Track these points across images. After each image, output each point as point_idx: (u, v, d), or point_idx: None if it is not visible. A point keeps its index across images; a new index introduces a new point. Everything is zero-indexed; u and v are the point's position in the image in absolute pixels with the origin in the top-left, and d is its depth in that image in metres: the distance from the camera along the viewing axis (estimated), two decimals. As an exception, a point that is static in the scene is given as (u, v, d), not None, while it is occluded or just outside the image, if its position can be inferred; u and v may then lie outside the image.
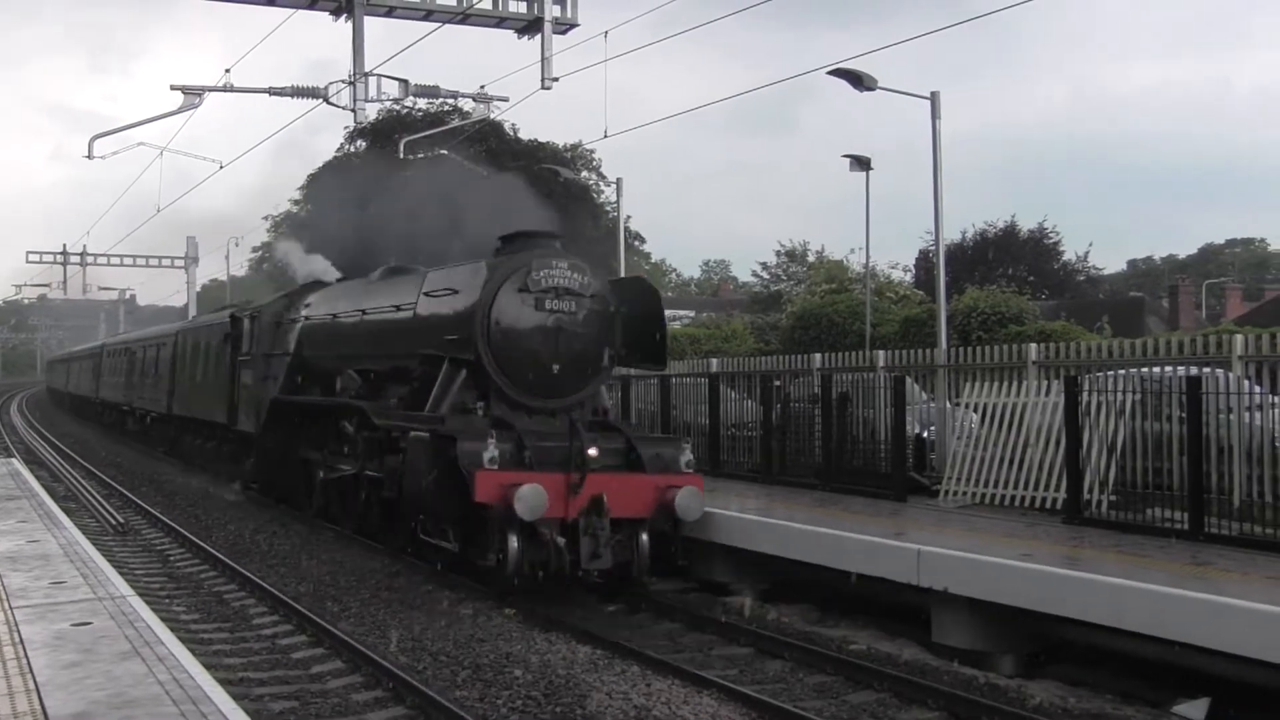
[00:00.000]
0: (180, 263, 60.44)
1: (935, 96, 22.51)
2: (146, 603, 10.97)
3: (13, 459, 28.89)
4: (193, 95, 23.26)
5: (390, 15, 19.83)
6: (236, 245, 60.14)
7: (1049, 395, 15.48)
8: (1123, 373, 14.52)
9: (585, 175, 57.00)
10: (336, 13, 19.46)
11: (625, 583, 14.14)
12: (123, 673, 7.95)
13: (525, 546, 13.02)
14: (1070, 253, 63.80)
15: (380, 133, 48.97)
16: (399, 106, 42.08)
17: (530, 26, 19.97)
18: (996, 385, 16.41)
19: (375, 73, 20.65)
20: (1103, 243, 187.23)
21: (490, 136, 49.27)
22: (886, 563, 12.28)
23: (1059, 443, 14.90)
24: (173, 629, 10.27)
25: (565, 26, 20.05)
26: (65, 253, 61.51)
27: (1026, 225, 61.73)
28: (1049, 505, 15.19)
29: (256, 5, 19.22)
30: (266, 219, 67.67)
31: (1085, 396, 14.41)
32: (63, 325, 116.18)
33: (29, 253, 64.85)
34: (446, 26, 19.75)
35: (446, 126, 40.28)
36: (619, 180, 35.30)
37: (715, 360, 24.03)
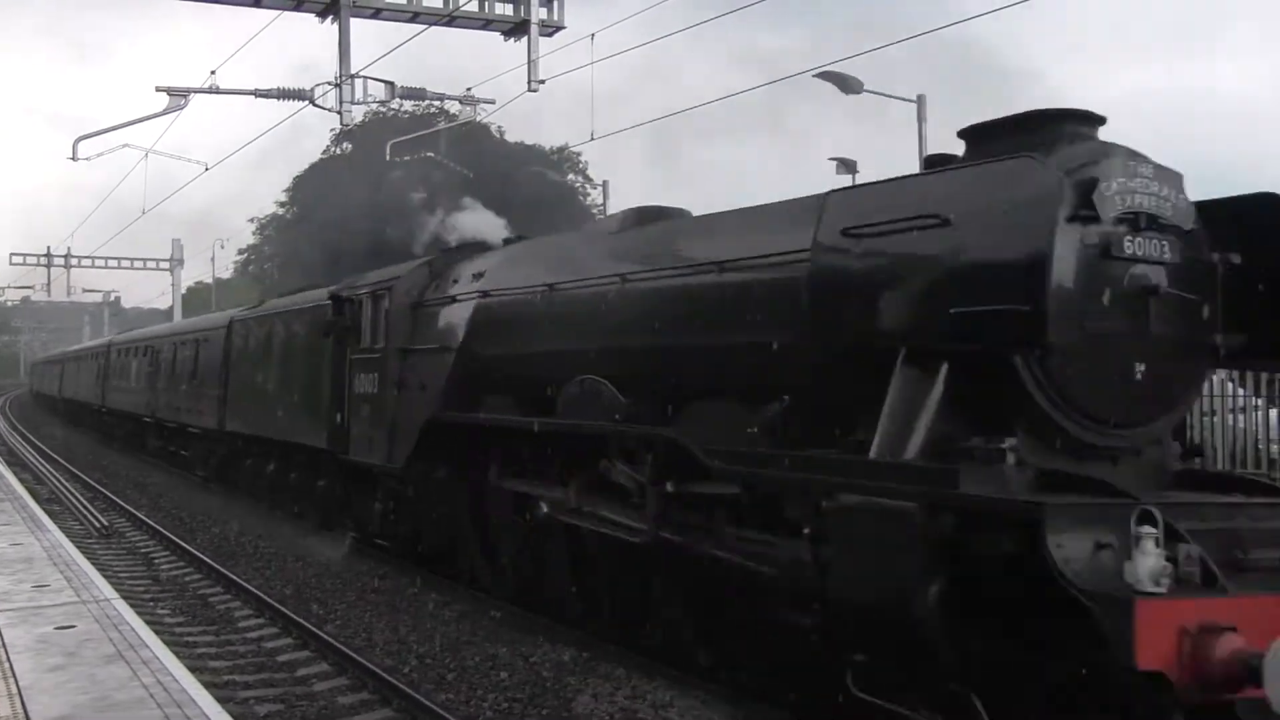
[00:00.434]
0: (165, 265, 60.19)
1: (922, 100, 22.60)
2: (131, 606, 10.97)
3: (-4, 462, 28.77)
4: (178, 96, 23.15)
5: (376, 17, 19.75)
6: (222, 248, 60.00)
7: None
8: None
9: (572, 178, 57.08)
10: (323, 14, 19.37)
11: None
12: (107, 676, 7.93)
13: None
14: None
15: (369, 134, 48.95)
16: (385, 109, 42.00)
17: (517, 29, 19.92)
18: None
19: (361, 74, 20.59)
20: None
21: (477, 138, 49.31)
22: None
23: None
24: (157, 632, 10.25)
25: (552, 29, 20.01)
26: (49, 254, 61.14)
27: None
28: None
29: (242, 6, 19.12)
30: (252, 221, 67.67)
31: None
32: (46, 327, 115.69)
33: (12, 254, 64.43)
34: (433, 28, 19.71)
35: (433, 129, 40.28)
36: (605, 183, 35.40)
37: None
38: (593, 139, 22.60)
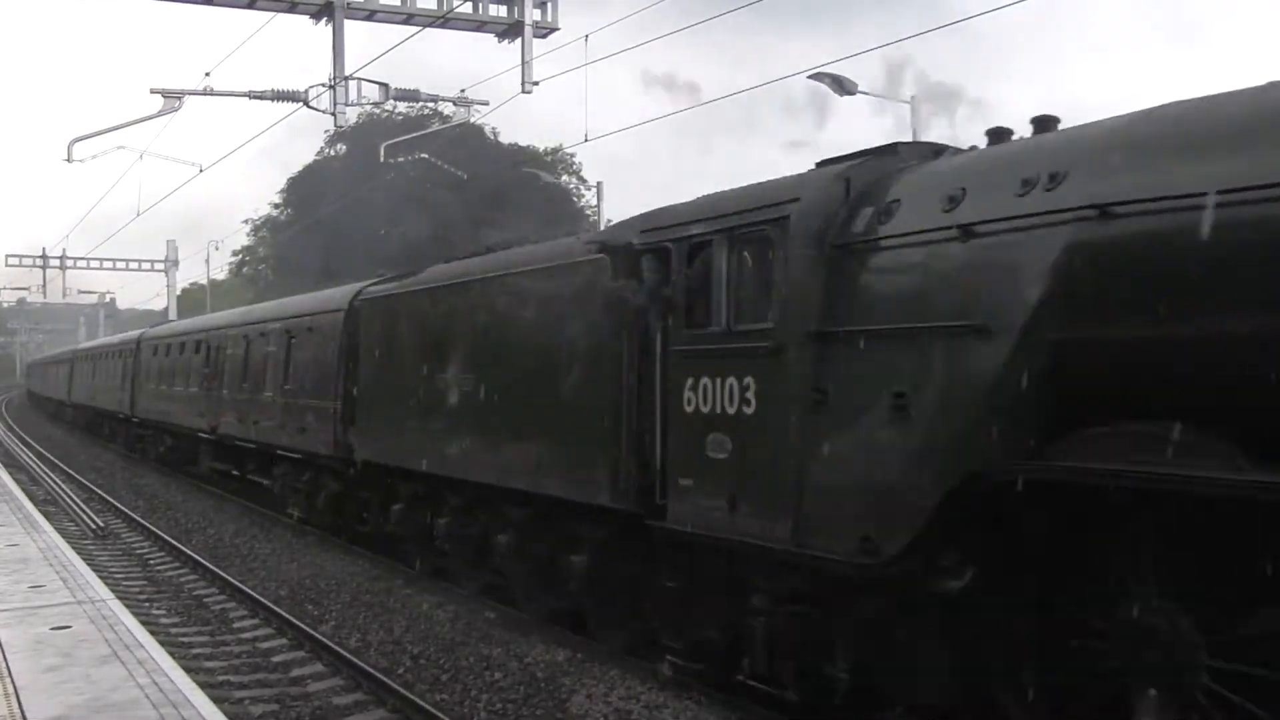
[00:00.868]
0: (160, 266, 60.16)
1: (915, 101, 22.63)
2: (126, 606, 11.01)
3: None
4: (172, 98, 23.15)
5: (371, 19, 19.79)
6: (217, 249, 59.90)
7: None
8: None
9: (566, 179, 57.15)
10: (317, 16, 19.41)
11: None
12: (102, 676, 7.97)
13: None
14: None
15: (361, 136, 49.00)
16: (379, 110, 42.07)
17: (510, 30, 19.97)
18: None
19: (355, 76, 20.62)
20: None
21: (471, 140, 49.36)
22: None
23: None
24: (152, 632, 10.31)
25: (546, 30, 20.04)
26: (45, 256, 61.13)
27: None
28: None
29: (236, 8, 19.14)
30: (246, 223, 67.63)
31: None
32: (41, 329, 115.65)
33: (8, 256, 64.42)
34: (427, 30, 19.74)
35: (427, 130, 40.30)
36: (599, 184, 35.48)
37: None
38: (586, 140, 22.68)
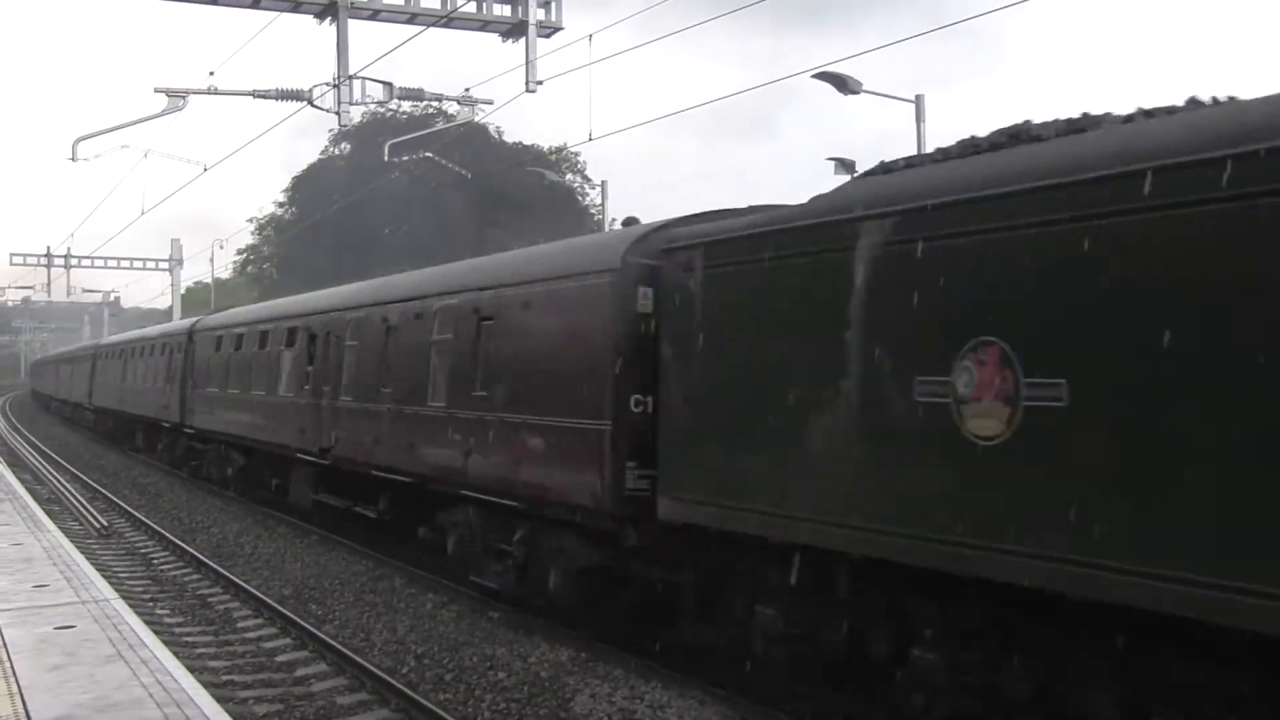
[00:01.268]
0: (164, 265, 60.22)
1: (920, 100, 22.63)
2: (130, 606, 11.01)
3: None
4: (177, 98, 23.17)
5: (374, 19, 19.79)
6: (221, 248, 60.00)
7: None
8: None
9: (570, 178, 57.18)
10: (321, 15, 19.42)
11: None
12: (106, 676, 7.97)
13: None
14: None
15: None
16: (383, 110, 42.08)
17: (515, 30, 19.96)
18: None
19: (360, 75, 20.62)
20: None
21: (475, 139, 49.40)
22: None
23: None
24: (156, 632, 10.30)
25: (550, 30, 20.04)
26: (49, 255, 61.19)
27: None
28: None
29: (241, 8, 19.15)
30: (251, 221, 67.73)
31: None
32: (46, 328, 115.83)
33: (12, 255, 64.49)
34: (431, 30, 19.74)
35: (431, 130, 40.33)
36: (604, 183, 35.45)
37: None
38: (590, 139, 22.67)
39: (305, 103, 21.54)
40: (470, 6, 19.78)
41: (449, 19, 19.80)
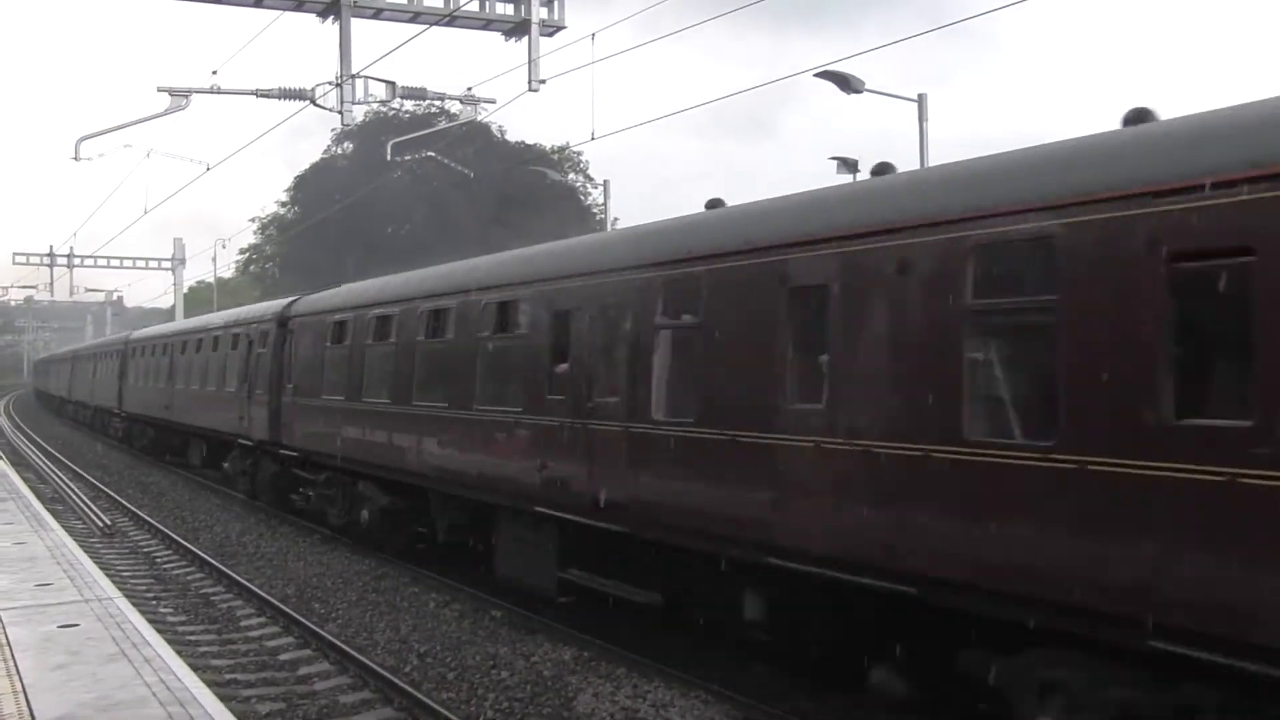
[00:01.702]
0: (167, 264, 60.27)
1: (923, 99, 22.60)
2: (133, 605, 11.02)
3: (-1, 461, 28.82)
4: (179, 97, 23.17)
5: (377, 17, 19.79)
6: (224, 247, 60.04)
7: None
8: None
9: (573, 177, 57.16)
10: (324, 14, 19.42)
11: None
12: (109, 675, 7.97)
13: None
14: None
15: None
16: (386, 109, 42.07)
17: (517, 29, 19.96)
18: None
19: (362, 74, 20.62)
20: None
21: (477, 138, 49.40)
22: None
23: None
24: (160, 631, 10.31)
25: (552, 29, 20.04)
26: (52, 254, 61.24)
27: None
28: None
29: (243, 7, 19.14)
30: (253, 220, 67.74)
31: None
32: (49, 327, 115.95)
33: (15, 254, 64.63)
34: (433, 29, 19.73)
35: (433, 129, 40.32)
36: (606, 182, 35.41)
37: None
38: (593, 138, 22.67)
39: (308, 102, 21.54)
40: (473, 5, 19.79)
41: (452, 18, 19.80)
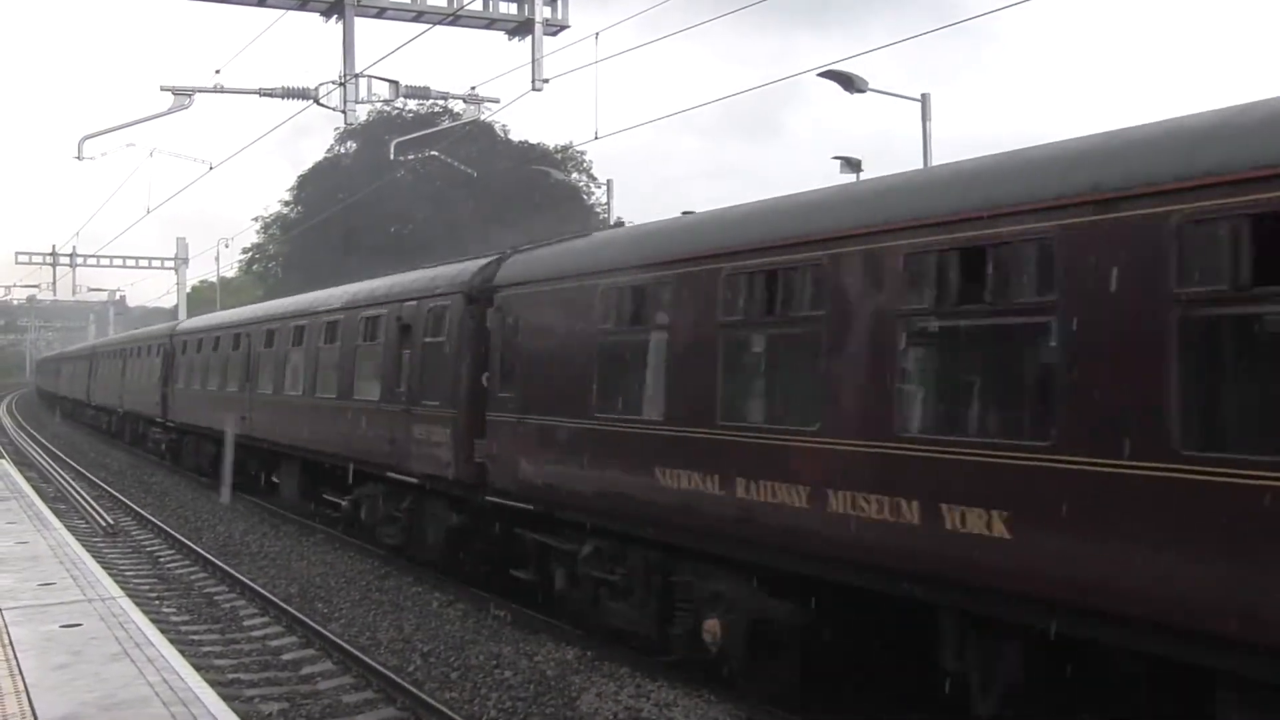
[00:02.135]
0: (170, 264, 60.27)
1: (926, 99, 22.58)
2: (136, 604, 11.00)
3: (2, 460, 28.83)
4: (182, 96, 23.16)
5: (381, 16, 19.80)
6: (226, 246, 60.04)
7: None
8: None
9: (576, 177, 57.13)
10: (327, 13, 19.42)
11: None
12: (112, 674, 7.96)
13: None
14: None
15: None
16: (389, 108, 42.07)
17: (521, 28, 19.96)
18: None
19: (365, 74, 20.62)
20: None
21: (481, 138, 49.37)
22: None
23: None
24: (162, 630, 10.31)
25: (556, 28, 20.04)
26: (55, 253, 61.26)
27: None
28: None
29: (247, 6, 19.14)
30: (256, 220, 67.74)
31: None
32: (51, 326, 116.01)
33: (18, 253, 64.65)
34: (437, 28, 19.73)
35: (437, 128, 40.29)
36: (609, 182, 35.44)
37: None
38: (596, 138, 22.67)
39: (311, 101, 21.54)
40: (476, 4, 19.78)
41: (455, 17, 19.80)
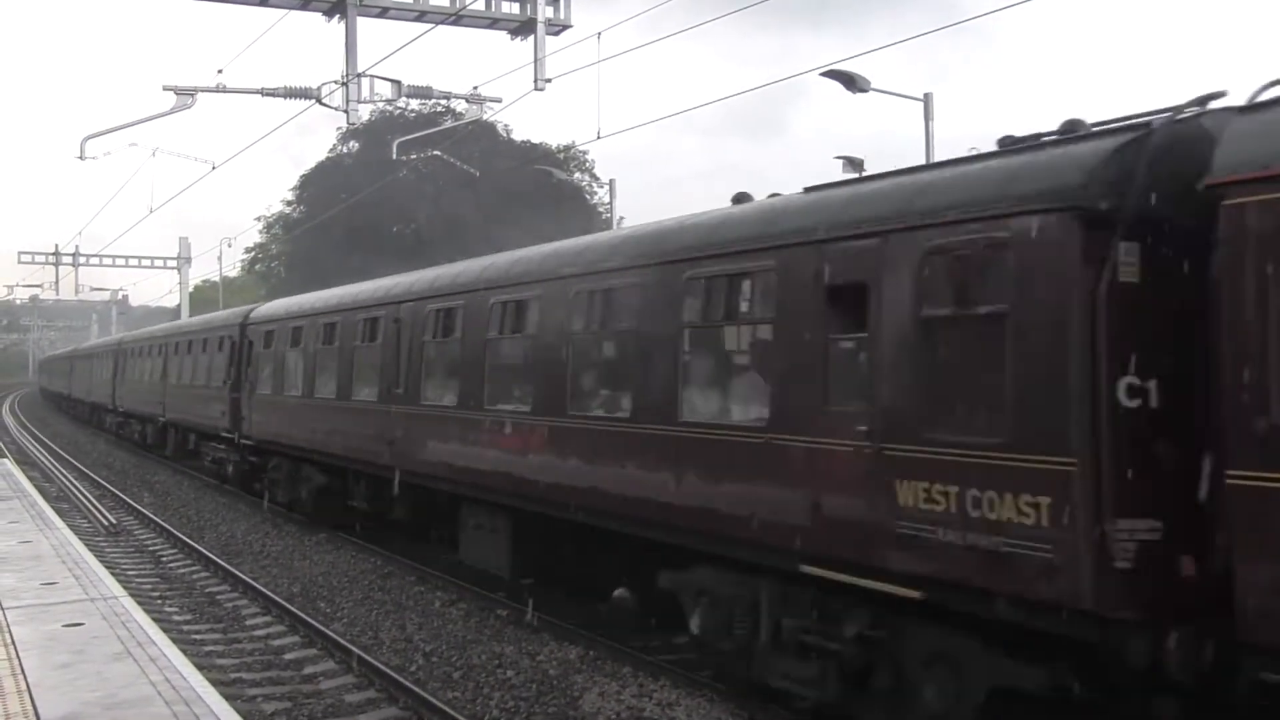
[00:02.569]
0: (173, 263, 60.33)
1: (929, 98, 22.57)
2: (138, 604, 11.00)
3: (4, 460, 28.85)
4: (185, 96, 23.18)
5: (383, 16, 19.80)
6: (229, 246, 60.09)
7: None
8: None
9: (578, 176, 57.08)
10: (329, 13, 19.42)
11: None
12: (114, 674, 7.96)
13: None
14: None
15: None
16: (392, 107, 42.08)
17: (523, 28, 19.96)
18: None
19: (368, 73, 20.62)
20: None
21: (483, 137, 49.35)
22: None
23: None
24: (165, 630, 10.30)
25: (558, 28, 20.03)
26: (58, 253, 61.34)
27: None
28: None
29: (250, 5, 19.15)
30: (259, 220, 67.74)
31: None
32: (54, 326, 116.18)
33: (21, 253, 64.72)
34: (439, 28, 19.73)
35: (439, 128, 40.29)
36: (612, 181, 35.44)
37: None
38: (599, 137, 22.67)
39: (314, 101, 21.54)
40: (479, 4, 19.78)
41: (458, 16, 19.79)
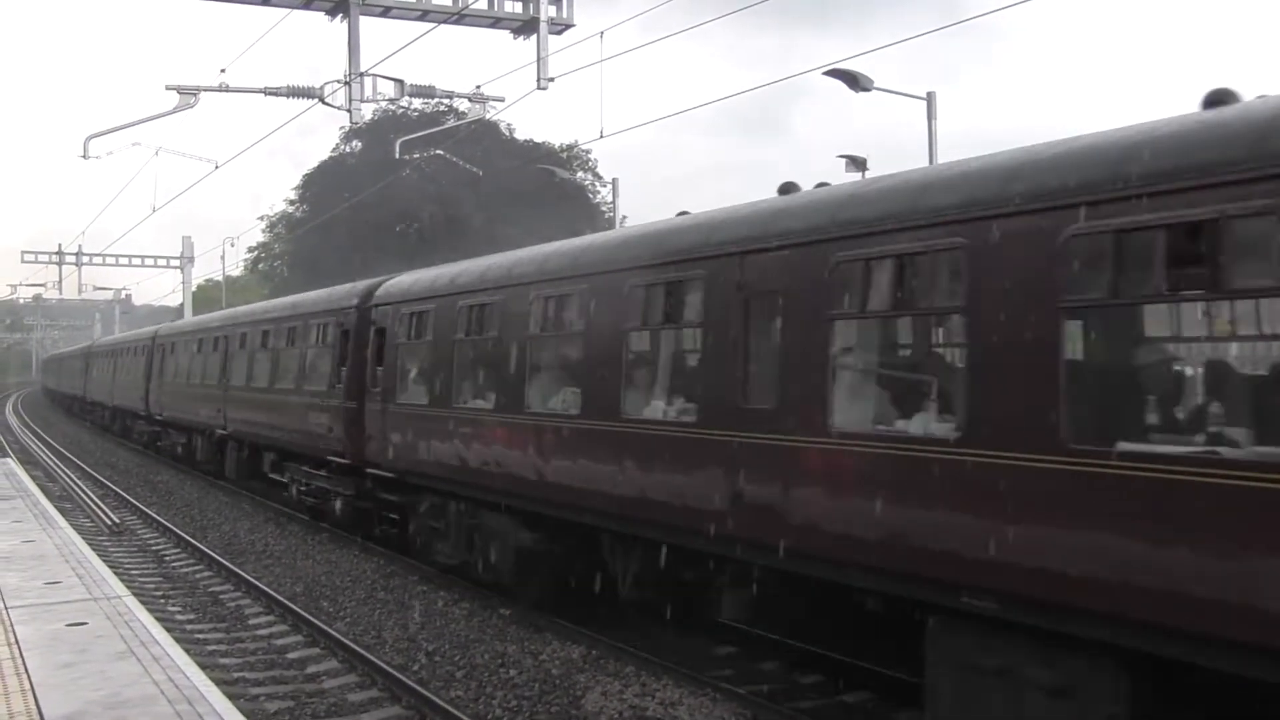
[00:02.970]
0: (175, 263, 60.35)
1: (931, 97, 22.56)
2: (142, 603, 11.01)
3: (8, 459, 28.87)
4: (188, 95, 23.19)
5: (386, 15, 19.80)
6: (232, 245, 60.11)
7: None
8: None
9: (581, 175, 57.12)
10: (332, 12, 19.43)
11: None
12: (118, 673, 7.96)
13: None
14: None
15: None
16: (394, 107, 42.10)
17: (526, 27, 19.95)
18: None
19: (371, 73, 20.62)
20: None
21: (486, 137, 49.40)
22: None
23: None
24: (168, 629, 10.31)
25: (561, 27, 20.02)
26: (61, 252, 61.38)
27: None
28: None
29: (252, 5, 19.15)
30: (261, 219, 67.81)
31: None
32: (58, 325, 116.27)
33: (24, 252, 64.76)
34: (442, 27, 19.72)
35: (442, 127, 40.32)
36: (614, 180, 35.45)
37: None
38: (602, 136, 22.67)
39: (317, 100, 21.54)
40: (481, 3, 19.78)
41: (460, 16, 19.78)
